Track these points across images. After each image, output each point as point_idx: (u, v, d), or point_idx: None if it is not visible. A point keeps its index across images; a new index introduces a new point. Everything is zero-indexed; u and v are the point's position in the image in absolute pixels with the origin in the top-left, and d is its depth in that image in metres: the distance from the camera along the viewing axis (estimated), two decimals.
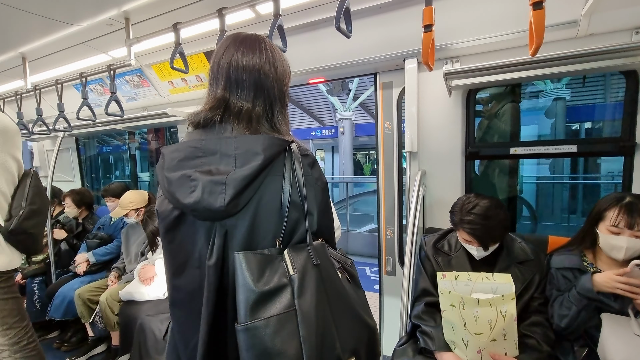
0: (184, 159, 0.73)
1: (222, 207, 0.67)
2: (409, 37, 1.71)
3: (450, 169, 1.86)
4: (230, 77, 0.76)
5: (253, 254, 0.67)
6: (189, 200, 0.68)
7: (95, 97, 3.04)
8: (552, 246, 1.59)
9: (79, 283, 2.58)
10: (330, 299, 0.71)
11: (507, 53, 1.64)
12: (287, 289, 0.67)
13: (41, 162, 3.91)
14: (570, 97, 5.95)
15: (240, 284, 0.65)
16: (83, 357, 2.46)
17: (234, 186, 0.67)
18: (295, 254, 0.70)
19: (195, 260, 0.74)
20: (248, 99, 0.76)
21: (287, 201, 0.71)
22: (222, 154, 0.71)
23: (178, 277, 0.77)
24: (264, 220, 0.71)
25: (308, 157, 0.77)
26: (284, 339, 0.64)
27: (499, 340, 1.21)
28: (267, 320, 0.64)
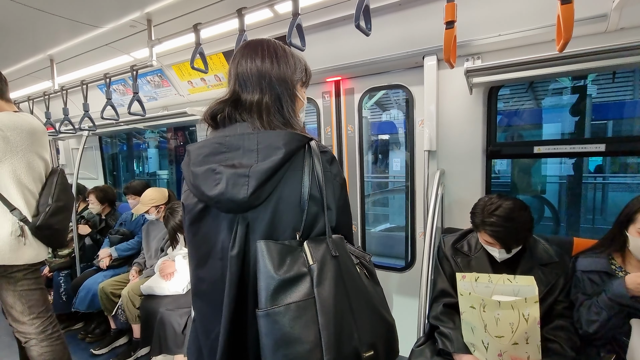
0: (209, 155, 0.76)
1: (245, 198, 0.69)
2: (428, 34, 1.68)
3: (470, 168, 1.82)
4: (239, 78, 0.82)
5: (274, 243, 0.70)
6: (213, 192, 0.71)
7: (117, 97, 3.13)
8: (577, 248, 1.54)
9: (102, 277, 2.66)
10: (348, 291, 0.73)
11: (530, 49, 1.59)
12: (307, 277, 0.69)
13: (67, 160, 4.07)
14: (597, 94, 5.72)
15: (261, 271, 0.68)
16: (106, 349, 2.55)
17: (256, 178, 0.69)
18: (315, 246, 0.72)
19: (217, 251, 0.76)
20: (255, 93, 0.80)
21: (307, 195, 0.73)
22: (245, 149, 0.74)
23: (201, 268, 0.80)
24: (285, 214, 0.73)
25: (327, 154, 0.79)
26: (303, 325, 0.66)
27: (520, 344, 1.19)
28: (287, 307, 0.66)
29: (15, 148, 1.50)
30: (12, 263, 1.52)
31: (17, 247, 1.52)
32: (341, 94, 2.24)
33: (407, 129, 2.10)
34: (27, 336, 1.60)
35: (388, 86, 2.09)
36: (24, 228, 1.54)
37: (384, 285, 2.27)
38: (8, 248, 1.50)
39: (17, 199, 1.53)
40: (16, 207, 1.52)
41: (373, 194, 6.28)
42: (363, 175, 2.32)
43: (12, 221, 1.51)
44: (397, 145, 6.90)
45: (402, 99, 6.49)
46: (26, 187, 1.56)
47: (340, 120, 2.28)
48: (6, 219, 1.51)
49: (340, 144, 2.31)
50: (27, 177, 1.56)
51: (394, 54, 1.81)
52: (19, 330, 1.61)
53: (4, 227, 1.50)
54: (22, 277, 1.56)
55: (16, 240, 1.51)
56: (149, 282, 2.35)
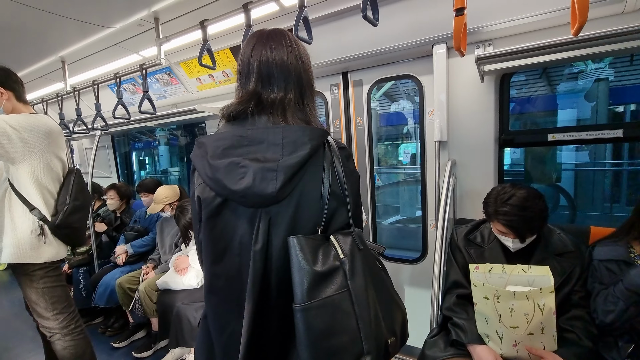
0: (229, 147, 0.74)
1: (273, 192, 0.68)
2: (437, 22, 1.65)
3: (482, 157, 1.79)
4: (261, 72, 0.78)
5: (305, 238, 0.70)
6: (238, 187, 0.69)
7: (128, 96, 3.18)
8: (594, 237, 1.50)
9: (119, 273, 2.73)
10: (373, 281, 0.76)
11: (544, 34, 1.54)
12: (340, 271, 0.70)
13: (81, 160, 4.16)
14: (614, 78, 5.51)
15: (296, 266, 0.68)
16: (125, 342, 2.62)
17: (284, 172, 0.69)
18: (342, 239, 0.73)
19: (235, 247, 0.75)
20: (280, 91, 0.78)
21: (327, 191, 0.73)
22: (269, 142, 0.72)
23: (218, 264, 0.78)
24: (306, 209, 0.73)
25: (345, 150, 0.80)
26: (342, 317, 0.68)
27: (536, 334, 1.17)
28: (325, 300, 0.67)
29: (34, 149, 1.53)
30: (33, 261, 1.56)
31: (38, 245, 1.57)
32: (349, 86, 2.22)
33: (418, 119, 2.08)
34: (51, 331, 1.66)
35: (397, 77, 2.06)
36: (44, 227, 1.58)
37: (396, 277, 2.29)
38: (29, 247, 1.55)
39: (36, 199, 1.57)
40: (36, 206, 1.56)
41: (382, 187, 6.24)
42: (373, 168, 2.30)
43: (32, 220, 1.56)
44: (407, 137, 6.82)
45: (411, 89, 6.40)
46: (45, 187, 1.60)
47: (348, 113, 2.27)
48: (26, 218, 1.55)
49: (349, 137, 2.30)
50: (46, 177, 1.59)
51: (403, 43, 1.78)
52: (43, 325, 1.66)
53: (24, 226, 1.55)
54: (43, 275, 1.61)
55: (36, 239, 1.56)
56: (165, 277, 2.40)
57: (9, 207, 1.56)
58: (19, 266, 1.57)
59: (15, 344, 2.75)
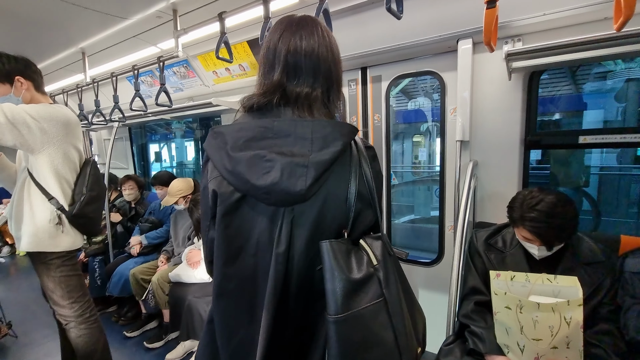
0: (251, 139, 0.68)
1: (302, 190, 0.63)
2: (463, 15, 1.57)
3: (506, 159, 1.71)
4: (288, 62, 0.72)
5: (337, 243, 0.65)
6: (262, 182, 0.64)
7: (145, 89, 3.20)
8: (624, 247, 1.42)
9: (133, 263, 2.77)
10: (403, 289, 0.72)
11: (577, 29, 1.45)
12: (374, 278, 0.66)
13: (99, 151, 4.24)
14: None
15: (329, 273, 0.63)
16: (137, 332, 2.66)
17: (315, 169, 0.64)
18: (372, 244, 0.69)
19: (251, 246, 0.70)
20: (307, 84, 0.72)
21: (355, 192, 0.69)
22: (297, 136, 0.67)
23: (230, 265, 0.72)
24: (331, 209, 0.68)
25: (371, 149, 0.76)
26: (379, 329, 0.64)
27: (560, 348, 1.11)
28: (360, 312, 0.63)
29: (52, 139, 1.55)
30: (50, 250, 1.59)
31: (55, 234, 1.59)
32: (368, 82, 2.16)
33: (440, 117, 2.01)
34: (66, 319, 1.69)
35: (418, 73, 1.99)
36: (62, 216, 1.60)
37: (409, 279, 2.23)
38: (47, 235, 1.57)
39: (54, 189, 1.59)
40: (54, 196, 1.58)
41: (398, 185, 6.16)
42: (390, 166, 2.25)
43: (51, 210, 1.58)
44: (424, 135, 6.70)
45: (430, 86, 6.26)
46: (63, 177, 1.62)
47: (366, 109, 2.21)
48: (45, 207, 1.57)
49: (366, 134, 2.24)
50: (64, 167, 1.61)
51: (425, 38, 1.71)
52: (59, 313, 1.69)
53: (43, 215, 1.57)
54: (60, 264, 1.63)
55: (54, 228, 1.58)
56: (177, 270, 2.42)
57: (27, 196, 1.59)
58: (37, 254, 1.60)
59: (33, 328, 2.83)
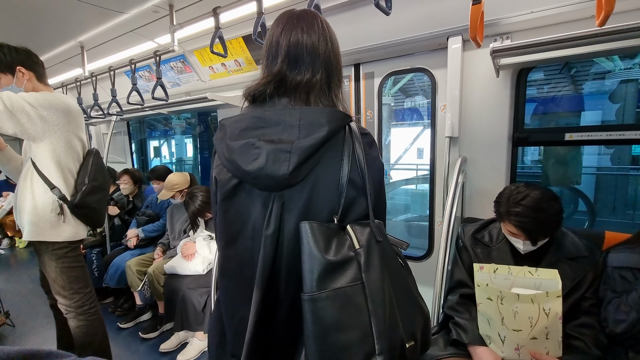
0: (246, 129, 0.73)
1: (285, 174, 0.67)
2: (453, 13, 1.59)
3: (494, 155, 1.73)
4: (289, 54, 0.75)
5: (318, 225, 0.66)
6: (251, 167, 0.68)
7: (143, 84, 3.23)
8: (608, 243, 1.44)
9: (130, 255, 2.81)
10: (391, 278, 0.71)
11: (564, 27, 1.46)
12: (354, 262, 0.66)
13: (98, 145, 4.26)
14: None
15: (306, 253, 0.65)
16: (131, 323, 2.70)
17: (298, 154, 0.67)
18: (359, 230, 0.69)
19: (249, 230, 0.74)
20: (306, 73, 0.75)
21: (346, 178, 0.70)
22: (286, 124, 0.71)
23: (230, 247, 0.77)
24: (321, 195, 0.70)
25: (367, 137, 0.75)
26: (354, 312, 0.64)
27: (540, 339, 1.13)
28: (336, 292, 0.63)
29: (53, 127, 1.54)
30: (52, 240, 1.59)
31: (57, 224, 1.59)
32: (361, 78, 2.18)
33: (430, 114, 2.03)
34: (67, 308, 1.70)
35: (409, 69, 2.01)
36: (63, 206, 1.60)
37: None
38: (49, 225, 1.57)
39: (56, 178, 1.58)
40: (56, 185, 1.58)
41: (393, 183, 6.17)
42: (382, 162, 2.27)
43: (53, 199, 1.57)
44: (421, 133, 6.71)
45: (428, 85, 6.27)
46: (66, 166, 1.61)
47: (359, 106, 2.23)
48: (47, 197, 1.57)
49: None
50: (67, 156, 1.61)
51: (416, 35, 1.73)
52: (60, 302, 1.70)
53: (45, 205, 1.57)
54: (62, 255, 1.63)
55: (56, 218, 1.58)
56: (172, 262, 2.45)
57: (30, 185, 1.59)
58: (39, 244, 1.61)
59: (30, 318, 2.87)
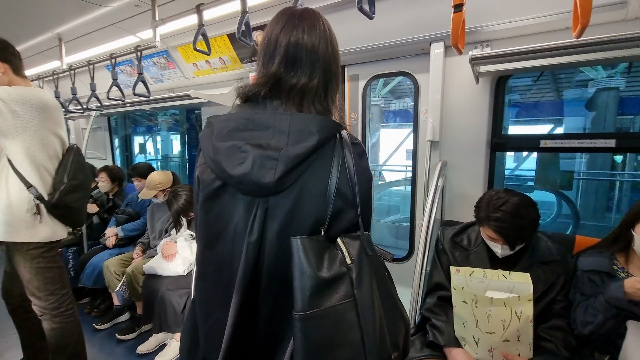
0: (234, 130, 0.70)
1: (270, 182, 0.65)
2: (436, 19, 1.61)
3: (473, 160, 1.77)
4: (288, 54, 0.73)
5: (309, 240, 0.65)
6: (236, 172, 0.67)
7: (125, 79, 3.15)
8: (579, 246, 1.49)
9: (108, 255, 2.73)
10: (380, 291, 0.70)
11: (542, 37, 1.51)
12: (346, 278, 0.65)
13: (77, 140, 4.13)
14: (626, 87, 5.38)
15: (300, 270, 0.63)
16: (108, 324, 2.63)
17: (285, 163, 0.65)
18: (350, 243, 0.68)
19: (229, 233, 0.72)
20: (303, 77, 0.73)
21: (334, 188, 0.67)
22: (276, 129, 0.69)
23: (209, 249, 0.75)
24: (307, 204, 0.68)
25: (358, 146, 0.74)
26: (345, 330, 0.63)
27: (512, 341, 1.16)
28: (328, 310, 0.62)
29: (27, 124, 1.47)
30: (28, 240, 1.53)
31: (33, 224, 1.52)
32: (345, 80, 2.19)
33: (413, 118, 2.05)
34: (42, 310, 1.63)
35: (393, 73, 2.03)
36: (40, 206, 1.53)
37: None
38: (24, 225, 1.51)
39: (33, 177, 1.52)
40: (32, 184, 1.51)
41: (381, 185, 6.23)
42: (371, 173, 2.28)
43: (29, 198, 1.51)
44: (410, 135, 6.79)
45: None
46: (42, 164, 1.55)
47: (343, 108, 2.24)
48: (23, 196, 1.50)
49: None
50: (42, 154, 1.54)
51: (400, 39, 1.75)
52: (35, 304, 1.63)
53: (20, 204, 1.50)
54: (38, 255, 1.56)
55: (32, 218, 1.51)
56: (151, 262, 2.40)
57: (5, 184, 1.52)
58: (13, 244, 1.54)
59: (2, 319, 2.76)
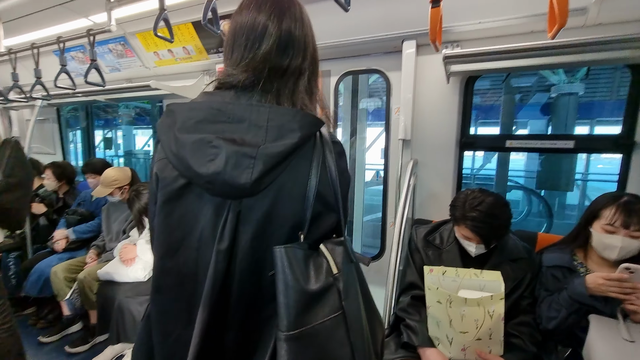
0: (203, 121, 0.62)
1: (247, 183, 0.58)
2: (408, 17, 1.61)
3: (443, 159, 1.80)
4: (281, 35, 0.65)
5: (292, 249, 0.59)
6: (205, 170, 0.59)
7: (77, 66, 2.88)
8: (540, 243, 1.55)
9: (57, 260, 2.49)
10: (364, 299, 0.67)
11: (510, 39, 1.55)
12: (334, 289, 0.60)
13: (21, 132, 3.73)
14: (585, 93, 5.77)
15: (284, 283, 0.57)
16: (56, 336, 2.39)
17: (264, 161, 0.58)
18: (334, 250, 0.63)
19: (194, 239, 0.64)
20: (293, 65, 0.67)
21: (314, 190, 0.62)
22: (252, 123, 0.61)
23: (169, 258, 0.67)
24: (284, 207, 0.62)
25: (338, 145, 0.69)
26: (335, 347, 0.58)
27: (484, 340, 1.18)
28: (317, 327, 0.58)
29: None
30: None
31: None
32: None
33: (385, 116, 2.04)
34: None
35: (365, 70, 2.01)
36: None
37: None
38: None
39: None
40: None
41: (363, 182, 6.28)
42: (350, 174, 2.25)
43: None
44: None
45: None
46: None
47: (328, 102, 2.19)
48: None
49: None
50: None
51: (373, 36, 1.73)
52: None
53: None
54: None
55: None
56: (107, 267, 2.21)
57: None
58: None
59: None
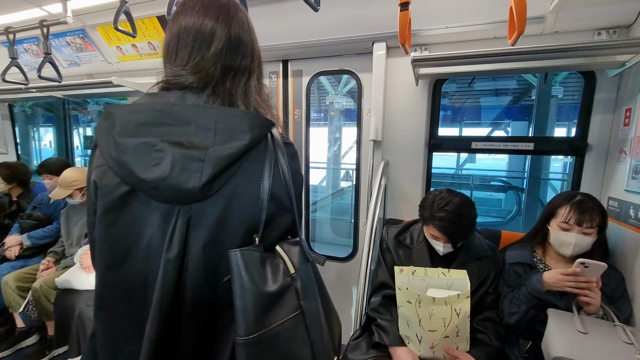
0: (145, 124, 0.59)
1: (196, 187, 0.56)
2: (379, 19, 1.62)
3: (413, 160, 1.83)
4: (230, 38, 0.65)
5: (249, 252, 0.59)
6: (150, 176, 0.56)
7: (30, 59, 2.68)
8: (504, 241, 1.62)
9: (9, 268, 2.31)
10: (321, 297, 0.68)
11: (476, 44, 1.60)
12: (292, 289, 0.61)
13: None
14: (563, 96, 6.09)
15: (241, 287, 0.56)
16: (8, 351, 2.22)
17: (213, 165, 0.57)
18: (289, 250, 0.64)
19: (141, 249, 0.61)
20: (245, 66, 0.67)
21: (267, 192, 0.61)
22: (199, 125, 0.59)
23: (114, 271, 0.63)
24: (237, 211, 0.60)
25: (290, 147, 0.69)
26: (296, 347, 0.59)
27: (451, 337, 1.21)
28: (276, 329, 0.58)
29: None
30: None
31: None
32: (289, 76, 2.12)
33: (357, 117, 2.05)
34: None
35: (337, 71, 2.01)
36: None
37: (325, 274, 2.27)
38: None
39: None
40: None
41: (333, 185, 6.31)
42: (309, 162, 2.24)
43: None
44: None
45: None
46: None
47: (287, 103, 2.17)
48: None
49: (286, 129, 2.20)
50: None
51: (344, 37, 1.73)
52: None
53: None
54: None
55: None
56: (66, 275, 2.07)
57: None
58: None
59: None
